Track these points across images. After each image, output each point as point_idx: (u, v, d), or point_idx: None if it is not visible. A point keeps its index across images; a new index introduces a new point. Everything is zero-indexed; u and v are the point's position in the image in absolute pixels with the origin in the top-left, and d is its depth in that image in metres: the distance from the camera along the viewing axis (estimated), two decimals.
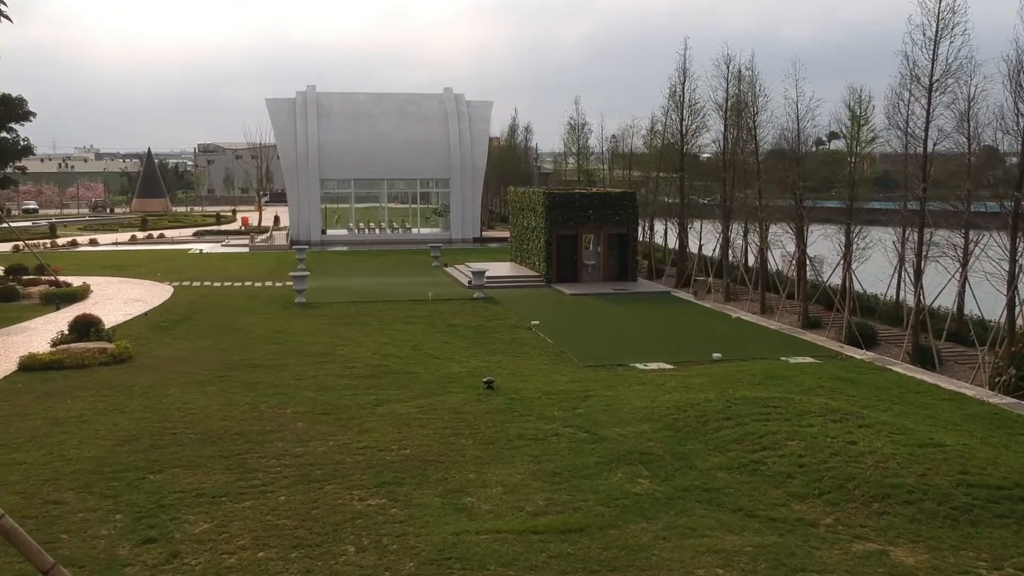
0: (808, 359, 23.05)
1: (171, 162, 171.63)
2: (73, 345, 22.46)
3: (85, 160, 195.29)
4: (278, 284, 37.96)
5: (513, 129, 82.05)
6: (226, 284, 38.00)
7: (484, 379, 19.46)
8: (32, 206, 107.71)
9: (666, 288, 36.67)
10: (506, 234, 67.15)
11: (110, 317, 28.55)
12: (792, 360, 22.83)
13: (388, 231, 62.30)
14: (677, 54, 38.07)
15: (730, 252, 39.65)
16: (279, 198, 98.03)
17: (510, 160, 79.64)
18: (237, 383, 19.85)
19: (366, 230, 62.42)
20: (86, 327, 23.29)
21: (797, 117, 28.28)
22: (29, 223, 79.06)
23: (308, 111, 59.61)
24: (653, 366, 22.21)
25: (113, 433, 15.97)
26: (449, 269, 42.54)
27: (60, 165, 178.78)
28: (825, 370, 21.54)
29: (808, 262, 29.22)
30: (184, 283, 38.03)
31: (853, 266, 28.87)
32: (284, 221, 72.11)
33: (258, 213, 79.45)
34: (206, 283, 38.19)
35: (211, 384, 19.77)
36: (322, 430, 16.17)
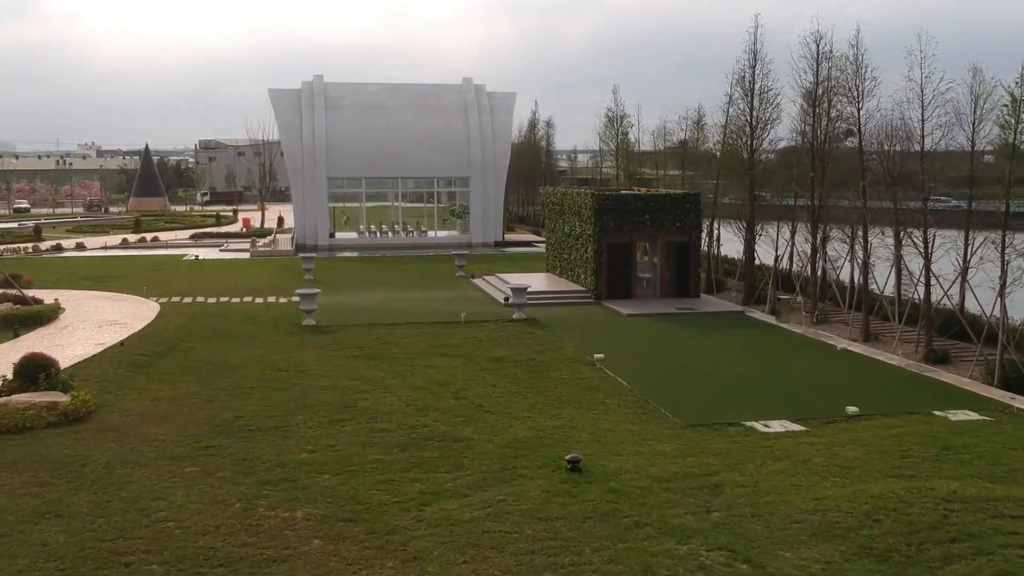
0: (971, 414, 17.71)
1: (172, 159, 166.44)
2: (15, 398, 17.18)
3: (84, 157, 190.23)
4: (282, 300, 32.68)
5: (533, 124, 76.59)
6: (222, 300, 32.71)
7: (567, 457, 14.15)
8: (24, 205, 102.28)
9: (737, 306, 31.30)
10: (528, 237, 61.89)
11: (76, 349, 23.31)
12: (952, 416, 17.48)
13: (402, 234, 57.01)
14: (747, 33, 32.79)
15: (804, 264, 34.35)
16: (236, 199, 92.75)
17: (529, 157, 74.08)
18: (227, 459, 14.56)
19: (378, 233, 57.12)
20: (35, 371, 18.01)
21: (922, 104, 22.92)
22: (15, 224, 73.83)
23: (315, 103, 54.30)
24: (776, 426, 16.90)
25: (36, 564, 10.69)
26: (477, 281, 37.24)
27: (58, 162, 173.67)
28: (1008, 433, 16.20)
29: (934, 278, 23.86)
30: (173, 299, 32.74)
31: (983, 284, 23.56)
32: (288, 222, 66.76)
33: (260, 213, 74.13)
34: (199, 299, 32.90)
35: (191, 461, 14.48)
36: (349, 555, 10.88)
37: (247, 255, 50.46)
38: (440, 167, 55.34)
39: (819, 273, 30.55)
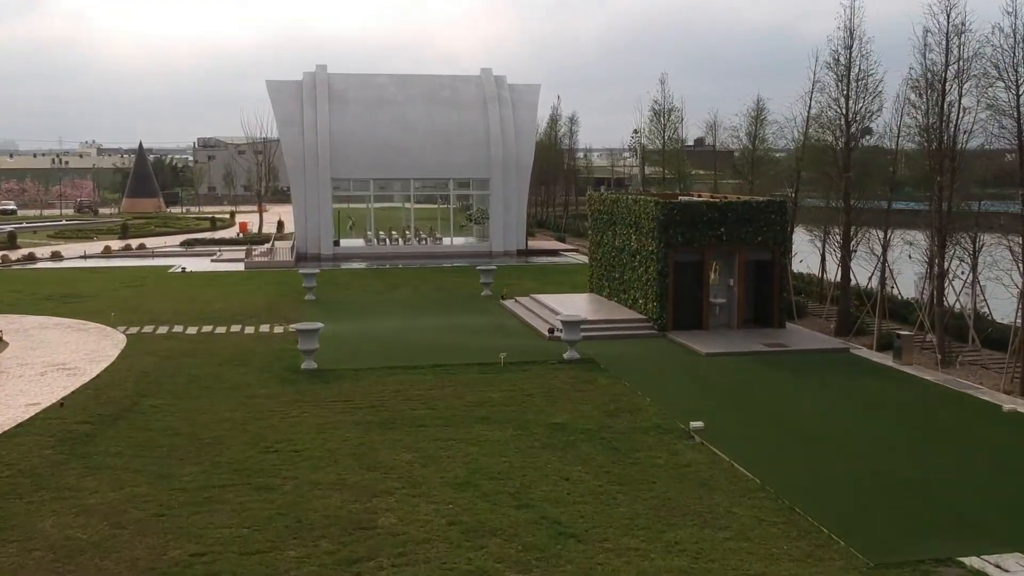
0: None
1: (171, 158, 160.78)
2: None
3: (81, 156, 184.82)
4: (278, 330, 26.96)
5: (554, 120, 70.50)
6: (204, 330, 27.00)
7: None
8: (10, 207, 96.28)
9: (834, 340, 25.52)
10: (553, 244, 56.04)
11: (1, 414, 17.61)
12: None
13: (414, 242, 51.20)
14: (842, 5, 26.90)
15: (892, 282, 28.67)
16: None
17: (549, 156, 67.94)
18: None
19: (387, 241, 51.33)
20: None
21: None
22: None
23: (318, 95, 48.53)
24: (1011, 564, 11.18)
25: None
26: (508, 303, 31.46)
27: (53, 160, 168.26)
28: None
29: None
30: (146, 329, 27.05)
31: None
32: (289, 226, 60.94)
33: (258, 215, 68.30)
34: (176, 328, 27.19)
35: None
36: None
37: (241, 266, 44.77)
38: (456, 167, 49.57)
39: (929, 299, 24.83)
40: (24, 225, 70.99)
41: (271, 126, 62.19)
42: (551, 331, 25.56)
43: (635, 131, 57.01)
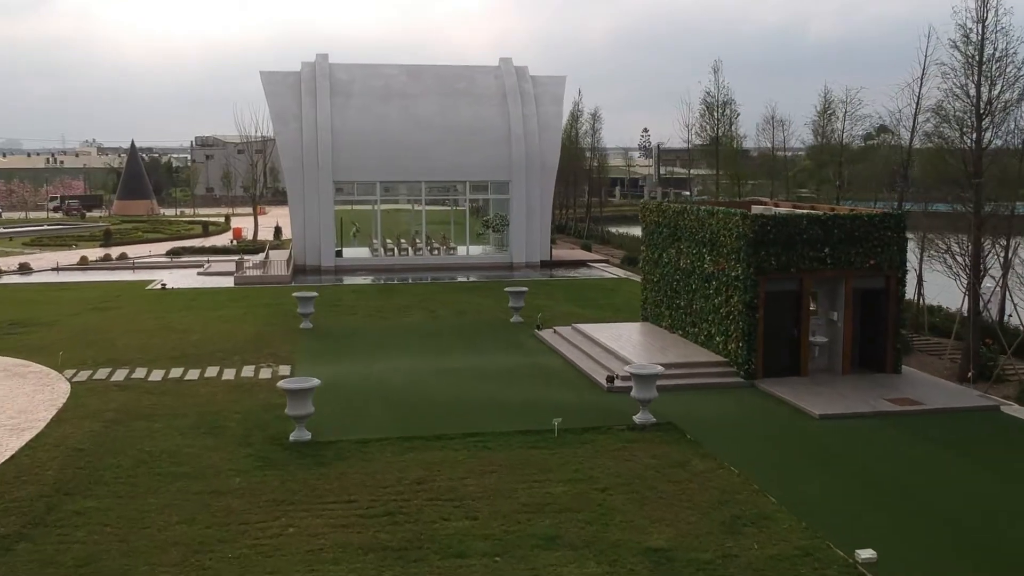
0: None
1: (167, 157, 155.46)
2: None
3: (78, 155, 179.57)
4: (264, 374, 21.55)
5: (575, 117, 64.82)
6: (172, 375, 21.55)
7: None
8: None
9: (973, 394, 20.01)
10: (579, 254, 50.37)
11: None
12: None
13: (426, 251, 45.66)
14: None
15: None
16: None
17: (569, 155, 62.22)
18: None
19: (395, 250, 45.84)
20: None
21: None
22: None
23: (318, 88, 43.06)
24: None
25: None
26: (546, 334, 26.01)
27: (48, 160, 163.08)
28: None
29: None
30: (100, 372, 21.62)
31: None
32: (287, 232, 55.39)
33: (254, 220, 62.68)
34: (138, 371, 21.77)
35: None
36: None
37: (231, 281, 39.35)
38: (473, 168, 44.06)
39: None
40: (3, 230, 65.65)
41: (268, 123, 56.81)
42: (611, 379, 20.11)
43: (644, 129, 51.51)
